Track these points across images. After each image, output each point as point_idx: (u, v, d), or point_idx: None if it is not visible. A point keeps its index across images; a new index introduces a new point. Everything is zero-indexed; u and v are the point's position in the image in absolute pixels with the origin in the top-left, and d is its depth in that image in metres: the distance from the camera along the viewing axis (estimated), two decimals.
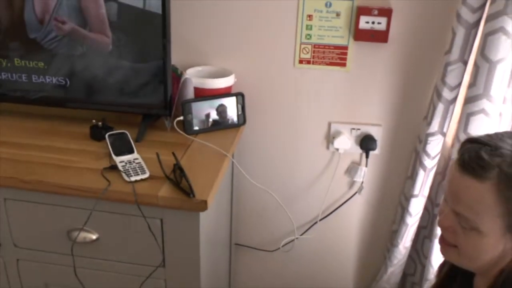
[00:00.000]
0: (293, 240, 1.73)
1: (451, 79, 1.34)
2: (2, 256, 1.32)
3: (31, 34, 1.35)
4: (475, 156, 0.85)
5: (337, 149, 1.59)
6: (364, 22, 1.42)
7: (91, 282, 1.28)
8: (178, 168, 1.17)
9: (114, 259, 1.26)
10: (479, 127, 1.31)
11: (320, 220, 1.71)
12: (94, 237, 1.23)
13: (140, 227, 1.18)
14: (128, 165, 1.21)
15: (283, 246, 1.75)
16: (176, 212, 1.15)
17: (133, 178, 1.16)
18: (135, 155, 1.25)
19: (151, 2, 1.26)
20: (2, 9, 1.33)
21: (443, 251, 0.97)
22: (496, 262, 0.88)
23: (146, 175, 1.18)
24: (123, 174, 1.17)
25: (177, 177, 1.16)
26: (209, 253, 1.34)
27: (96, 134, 1.35)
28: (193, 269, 1.23)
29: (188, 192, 1.11)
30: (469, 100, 1.30)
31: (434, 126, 1.40)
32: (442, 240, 0.96)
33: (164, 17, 1.27)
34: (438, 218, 0.97)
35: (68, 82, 1.38)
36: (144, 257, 1.23)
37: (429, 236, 1.54)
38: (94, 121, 1.37)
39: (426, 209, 1.55)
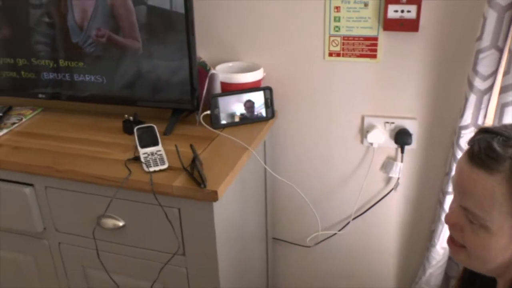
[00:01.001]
0: (331, 236, 1.71)
1: (483, 68, 1.26)
2: (47, 239, 1.44)
3: (73, 38, 1.46)
4: (486, 146, 0.79)
5: (371, 144, 1.55)
6: (393, 11, 1.37)
7: (117, 266, 1.36)
8: (192, 159, 1.21)
9: (139, 246, 1.32)
10: None
11: (356, 217, 1.67)
12: (121, 224, 1.30)
13: (161, 216, 1.23)
14: (150, 156, 1.27)
15: (320, 242, 1.73)
16: (192, 202, 1.19)
17: (151, 169, 1.21)
18: (159, 147, 1.31)
19: (177, 3, 1.31)
20: (54, 18, 1.45)
21: (452, 252, 0.91)
22: (508, 266, 0.82)
23: (165, 166, 1.23)
24: (143, 165, 1.23)
25: (193, 168, 1.20)
26: (232, 245, 1.37)
27: (128, 128, 1.43)
28: (211, 259, 1.25)
29: (199, 182, 1.14)
30: (503, 90, 1.22)
31: (467, 118, 1.32)
32: (450, 241, 0.90)
33: (187, 16, 1.32)
34: (446, 213, 0.92)
35: (105, 80, 1.48)
36: (165, 244, 1.28)
37: None
38: (126, 116, 1.45)
39: None
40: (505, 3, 1.19)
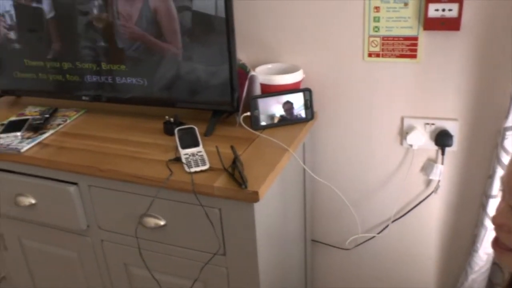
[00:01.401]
0: (370, 239, 1.69)
1: None
2: (90, 236, 1.48)
3: (119, 44, 1.49)
4: None
5: (411, 145, 1.53)
6: (434, 10, 1.35)
7: (159, 264, 1.39)
8: (233, 160, 1.22)
9: (180, 245, 1.34)
10: None
11: (396, 220, 1.65)
12: (162, 223, 1.32)
13: (202, 215, 1.24)
14: (191, 157, 1.29)
15: (359, 244, 1.71)
16: (232, 203, 1.20)
17: (193, 169, 1.23)
18: (200, 148, 1.33)
19: (219, 7, 1.33)
20: (100, 24, 1.50)
21: (497, 256, 0.88)
22: None
23: (206, 167, 1.24)
24: (185, 166, 1.25)
25: (234, 169, 1.21)
26: (272, 246, 1.37)
27: (168, 129, 1.45)
28: (251, 260, 1.26)
29: (240, 182, 1.15)
30: None
31: None
32: (495, 243, 0.87)
33: (227, 20, 1.33)
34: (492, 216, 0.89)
35: (146, 82, 1.51)
36: (207, 244, 1.29)
37: None
38: (167, 117, 1.47)
39: None
40: None
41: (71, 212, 1.43)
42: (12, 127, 1.54)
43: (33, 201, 1.47)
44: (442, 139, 1.48)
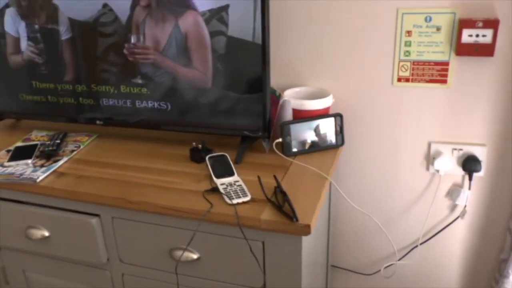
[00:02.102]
0: (392, 265, 1.66)
1: None
2: (110, 270, 1.38)
3: (142, 70, 1.42)
4: None
5: (438, 171, 1.51)
6: (467, 36, 1.35)
7: None
8: (280, 192, 1.17)
9: (215, 279, 1.27)
10: None
11: (421, 244, 1.63)
12: (195, 256, 1.24)
13: (241, 248, 1.18)
14: (229, 187, 1.22)
15: (383, 269, 1.68)
16: (278, 235, 1.14)
17: (235, 201, 1.17)
18: (236, 177, 1.26)
19: (257, 34, 1.28)
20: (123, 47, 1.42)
21: None
22: None
23: (248, 198, 1.18)
24: (225, 197, 1.18)
25: (279, 200, 1.16)
26: (309, 275, 1.32)
27: (196, 156, 1.38)
28: None
29: (291, 216, 1.10)
30: None
31: None
32: None
33: (264, 47, 1.28)
34: None
35: (169, 107, 1.43)
36: (245, 278, 1.23)
37: None
38: (194, 143, 1.40)
39: None
40: None
41: (91, 245, 1.33)
42: (21, 153, 1.43)
43: (46, 234, 1.36)
44: (470, 164, 1.48)
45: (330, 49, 1.49)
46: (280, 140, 1.38)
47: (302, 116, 1.42)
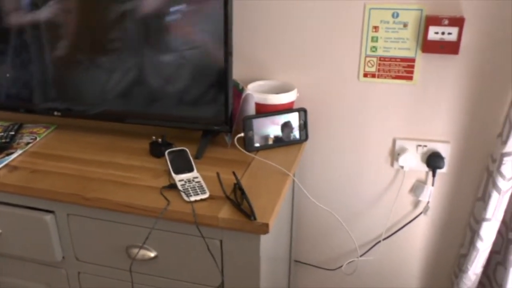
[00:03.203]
0: (354, 261, 1.66)
1: None
2: (65, 268, 1.34)
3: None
4: None
5: (402, 167, 1.51)
6: (433, 33, 1.33)
7: None
8: (239, 189, 1.14)
9: (173, 277, 1.24)
10: None
11: (383, 240, 1.63)
12: (152, 254, 1.21)
13: (199, 247, 1.15)
14: (187, 184, 1.19)
15: (345, 265, 1.68)
16: (236, 234, 1.11)
17: (192, 198, 1.14)
18: (195, 173, 1.23)
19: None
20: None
21: None
22: None
23: (206, 195, 1.15)
24: (183, 194, 1.15)
25: (238, 198, 1.13)
26: (268, 272, 1.30)
27: (156, 151, 1.34)
28: None
29: (249, 214, 1.07)
30: None
31: (510, 145, 1.30)
32: None
33: (226, 31, 1.25)
34: None
35: (129, 94, 1.38)
36: (203, 277, 1.21)
37: (503, 263, 1.43)
38: (154, 137, 1.36)
39: (499, 233, 1.44)
40: None
41: (45, 243, 1.28)
42: None
43: None
44: (433, 161, 1.48)
45: (296, 43, 1.46)
46: (242, 134, 1.35)
47: (265, 110, 1.39)
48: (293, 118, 1.40)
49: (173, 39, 1.30)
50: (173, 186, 1.19)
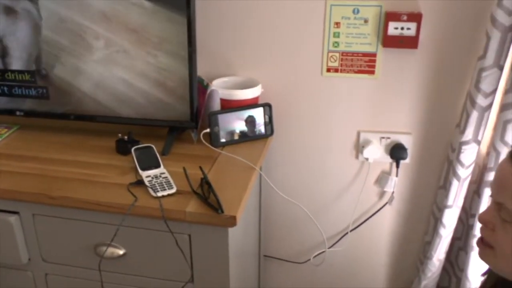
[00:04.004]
0: (323, 252, 1.69)
1: (486, 85, 1.29)
2: (32, 271, 1.32)
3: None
4: None
5: (367, 159, 1.55)
6: (393, 28, 1.37)
7: None
8: (206, 183, 1.15)
9: (142, 274, 1.24)
10: None
11: (350, 231, 1.66)
12: (121, 252, 1.21)
13: (167, 242, 1.16)
14: (154, 179, 1.19)
15: (313, 258, 1.70)
16: (204, 227, 1.13)
17: (159, 194, 1.14)
18: (162, 169, 1.24)
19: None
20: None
21: (480, 253, 0.90)
22: None
23: (173, 190, 1.16)
24: (150, 190, 1.16)
25: (205, 192, 1.14)
26: (238, 266, 1.32)
27: (122, 148, 1.34)
28: (222, 284, 1.20)
29: (216, 207, 1.09)
30: (505, 107, 1.25)
31: (468, 134, 1.35)
32: (479, 241, 0.90)
33: (189, 28, 1.26)
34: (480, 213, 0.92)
35: (95, 93, 1.38)
36: (172, 272, 1.21)
37: (464, 248, 1.48)
38: (120, 135, 1.36)
39: (460, 219, 1.49)
40: (508, 23, 1.22)
41: (10, 245, 1.26)
42: None
43: None
44: (396, 152, 1.52)
45: (260, 38, 1.48)
46: (208, 130, 1.36)
47: (230, 106, 1.41)
48: (258, 113, 1.42)
49: (137, 37, 1.30)
50: (140, 183, 1.19)
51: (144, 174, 1.22)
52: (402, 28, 1.37)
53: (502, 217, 0.82)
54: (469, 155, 1.38)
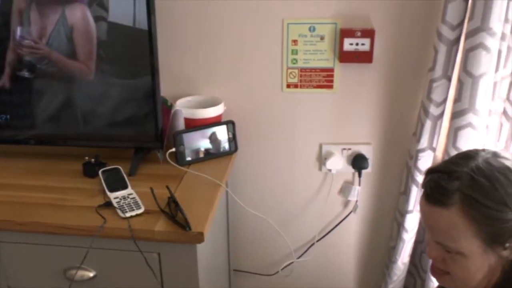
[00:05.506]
0: (291, 263, 1.73)
1: (436, 95, 1.36)
2: None
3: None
4: (435, 186, 0.91)
5: (330, 170, 1.60)
6: (348, 44, 1.44)
7: None
8: (173, 201, 1.18)
9: None
10: (467, 141, 1.33)
11: (317, 241, 1.71)
12: (91, 274, 1.22)
13: (137, 262, 1.17)
14: (122, 201, 1.21)
15: (282, 269, 1.74)
16: (173, 245, 1.15)
17: (128, 214, 1.16)
18: (129, 190, 1.26)
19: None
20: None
21: (437, 279, 1.01)
22: (489, 279, 0.92)
23: (141, 210, 1.18)
24: (118, 211, 1.18)
25: (172, 210, 1.17)
26: (208, 282, 1.34)
27: (89, 171, 1.36)
28: None
29: (183, 225, 1.12)
30: (456, 115, 1.33)
31: (424, 142, 1.42)
32: (434, 269, 1.00)
33: (151, 50, 1.29)
34: (427, 249, 1.00)
35: (58, 117, 1.39)
36: None
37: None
38: (86, 158, 1.37)
39: (421, 223, 1.56)
40: (452, 37, 1.30)
41: None
42: None
43: None
44: (358, 162, 1.58)
45: (221, 58, 1.52)
46: (173, 150, 1.39)
47: (194, 125, 1.44)
48: (222, 131, 1.46)
49: (100, 60, 1.33)
50: (108, 204, 1.21)
51: (112, 195, 1.24)
52: (357, 44, 1.44)
53: (446, 250, 0.92)
54: (425, 162, 1.45)
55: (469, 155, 0.92)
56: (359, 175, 1.60)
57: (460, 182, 0.87)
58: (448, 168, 0.91)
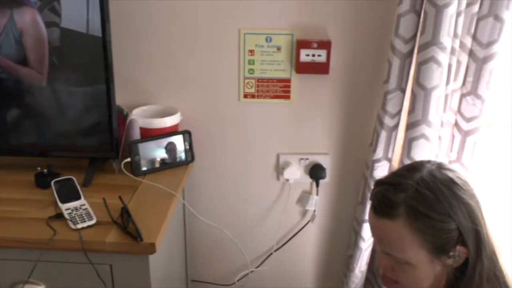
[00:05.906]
0: (247, 274, 1.73)
1: (391, 107, 1.39)
2: None
3: None
4: (382, 198, 0.93)
5: (287, 180, 1.61)
6: (305, 55, 1.46)
7: None
8: (125, 212, 1.16)
9: None
10: (421, 151, 1.36)
11: (275, 251, 1.71)
12: None
13: (89, 274, 1.15)
14: (74, 212, 1.19)
15: (238, 280, 1.74)
16: (125, 257, 1.14)
17: (79, 226, 1.14)
18: (82, 201, 1.24)
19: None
20: None
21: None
22: (435, 287, 0.95)
23: (93, 221, 1.16)
24: (69, 222, 1.15)
25: (125, 221, 1.15)
26: None
27: (42, 182, 1.33)
28: None
29: (135, 236, 1.10)
30: (409, 126, 1.36)
31: (379, 152, 1.44)
32: (384, 278, 1.03)
33: (106, 58, 1.28)
34: (376, 259, 1.03)
35: (10, 126, 1.36)
36: None
37: None
38: (39, 168, 1.34)
39: None
40: (405, 50, 1.33)
41: None
42: None
43: None
44: (316, 172, 1.59)
45: (177, 67, 1.51)
46: (129, 159, 1.38)
47: (150, 135, 1.43)
48: (178, 141, 1.45)
49: (52, 66, 1.30)
50: (59, 216, 1.19)
51: (64, 207, 1.21)
52: (313, 55, 1.46)
53: (394, 260, 0.94)
54: (381, 172, 1.47)
55: (415, 167, 0.95)
56: (317, 185, 1.61)
57: (406, 194, 0.90)
58: (394, 180, 0.93)
